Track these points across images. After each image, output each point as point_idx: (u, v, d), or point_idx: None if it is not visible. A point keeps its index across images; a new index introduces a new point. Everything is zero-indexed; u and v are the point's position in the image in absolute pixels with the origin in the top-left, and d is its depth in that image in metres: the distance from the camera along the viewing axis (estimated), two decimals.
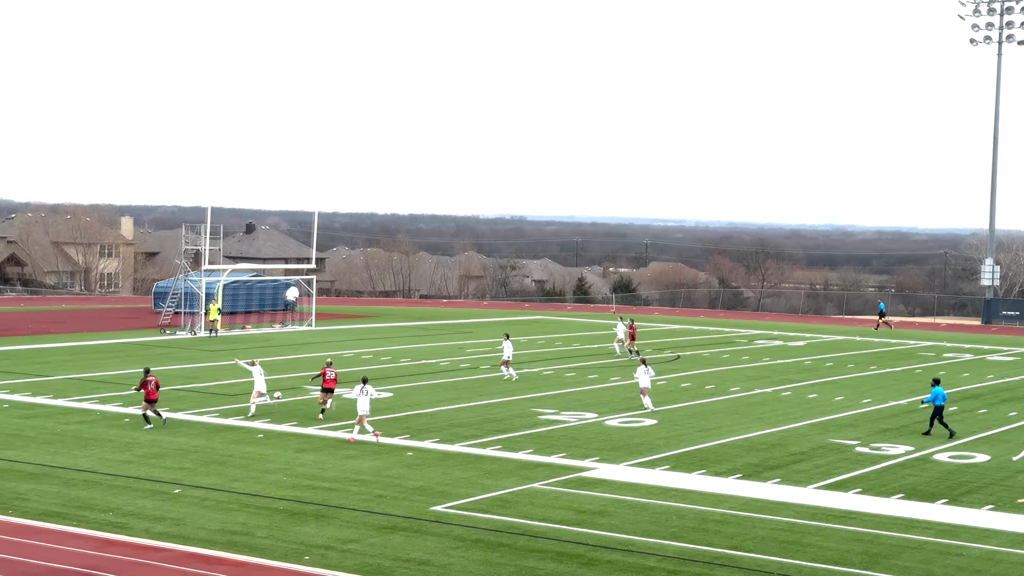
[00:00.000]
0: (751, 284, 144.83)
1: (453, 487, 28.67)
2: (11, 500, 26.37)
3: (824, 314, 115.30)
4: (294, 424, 36.53)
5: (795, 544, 24.40)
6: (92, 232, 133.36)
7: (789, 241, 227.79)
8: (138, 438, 33.75)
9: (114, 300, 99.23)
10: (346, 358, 54.60)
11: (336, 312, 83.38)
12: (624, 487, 29.14)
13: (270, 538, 23.86)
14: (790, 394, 46.40)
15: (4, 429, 34.72)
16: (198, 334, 64.48)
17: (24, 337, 61.07)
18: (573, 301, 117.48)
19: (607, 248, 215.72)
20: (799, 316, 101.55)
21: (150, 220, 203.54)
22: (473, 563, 22.56)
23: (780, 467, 32.06)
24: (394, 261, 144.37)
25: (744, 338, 71.71)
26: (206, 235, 68.04)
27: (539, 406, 41.39)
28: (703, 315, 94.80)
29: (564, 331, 73.08)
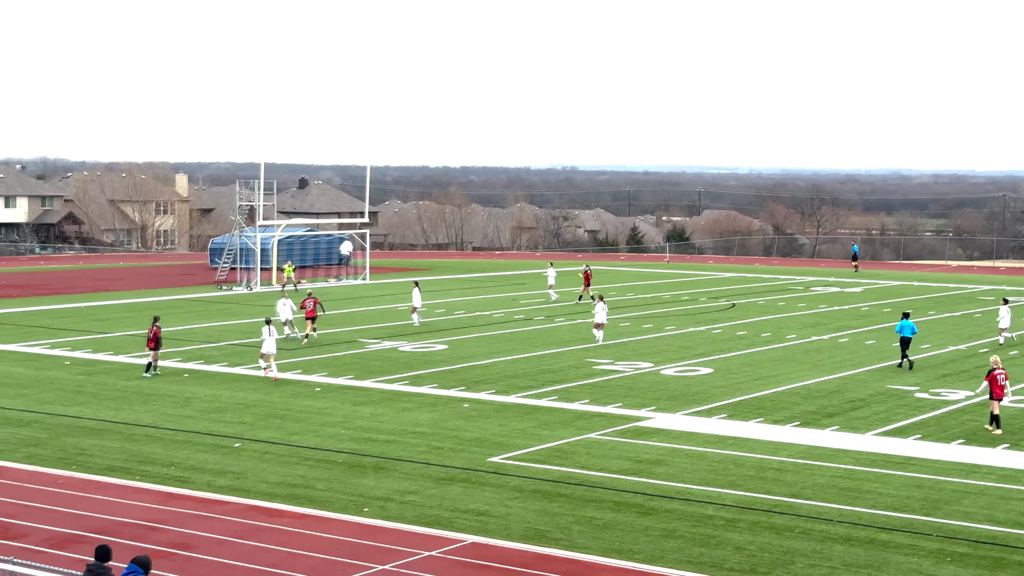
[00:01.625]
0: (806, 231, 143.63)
1: (510, 438, 28.76)
2: (75, 455, 26.77)
3: (881, 259, 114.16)
4: (351, 377, 36.75)
5: (854, 491, 24.27)
6: (148, 190, 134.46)
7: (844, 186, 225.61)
8: (198, 393, 34.12)
9: (170, 257, 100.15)
10: (400, 311, 54.80)
11: (390, 265, 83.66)
12: (681, 436, 29.10)
13: (330, 490, 24.07)
14: (847, 341, 46.05)
15: (66, 386, 35.22)
16: (254, 289, 64.97)
17: (83, 295, 61.81)
18: (626, 251, 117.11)
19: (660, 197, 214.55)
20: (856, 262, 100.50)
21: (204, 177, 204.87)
22: (531, 513, 22.64)
23: (838, 414, 31.87)
24: (446, 214, 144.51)
25: (800, 285, 71.21)
26: (260, 191, 68.37)
27: (594, 356, 41.37)
28: (758, 263, 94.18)
29: (618, 281, 72.89)
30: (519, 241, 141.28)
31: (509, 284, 70.27)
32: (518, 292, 65.11)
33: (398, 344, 43.91)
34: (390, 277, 74.08)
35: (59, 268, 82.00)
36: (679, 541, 21.11)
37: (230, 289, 65.24)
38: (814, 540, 21.21)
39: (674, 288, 68.38)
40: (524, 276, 76.68)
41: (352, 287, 67.67)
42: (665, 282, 72.56)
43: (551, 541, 21.05)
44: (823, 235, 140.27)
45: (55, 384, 35.47)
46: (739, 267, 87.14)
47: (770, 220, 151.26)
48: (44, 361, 39.65)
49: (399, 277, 74.40)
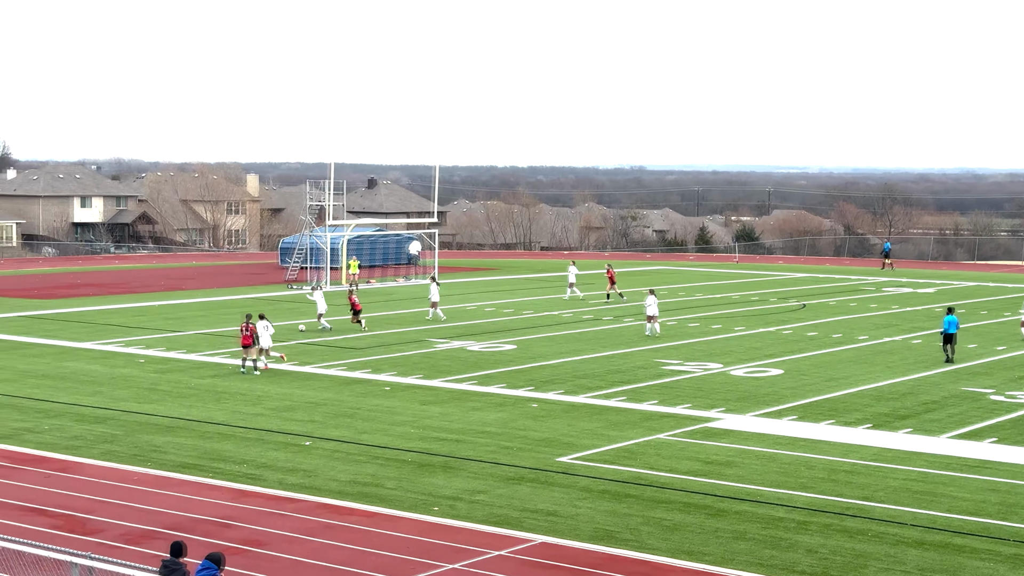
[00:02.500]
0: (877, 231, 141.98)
1: (578, 438, 28.72)
2: (149, 452, 27.14)
3: (954, 260, 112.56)
4: (420, 376, 36.91)
5: (928, 495, 23.95)
6: (219, 190, 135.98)
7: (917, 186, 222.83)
8: (269, 391, 34.44)
9: (241, 256, 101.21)
10: (469, 311, 54.95)
11: (458, 265, 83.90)
12: (751, 437, 28.89)
13: (399, 489, 24.19)
14: (920, 342, 45.45)
15: (141, 383, 35.72)
16: (324, 288, 65.42)
17: (157, 293, 62.66)
18: (695, 251, 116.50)
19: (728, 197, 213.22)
20: (928, 262, 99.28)
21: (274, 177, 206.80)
22: (600, 514, 22.60)
23: (911, 416, 31.47)
24: (514, 213, 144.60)
25: (871, 286, 70.41)
26: (329, 191, 68.88)
27: (663, 357, 41.20)
28: (828, 263, 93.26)
29: (686, 281, 72.54)
30: (587, 241, 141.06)
31: (577, 284, 70.15)
32: (586, 292, 65.01)
33: (466, 344, 44.03)
34: (458, 277, 74.29)
35: (133, 267, 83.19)
36: (749, 543, 20.96)
37: (300, 288, 65.79)
38: (887, 544, 20.96)
39: (743, 288, 67.92)
40: (592, 276, 76.54)
41: (420, 287, 67.92)
42: (734, 282, 72.09)
43: (620, 542, 21.00)
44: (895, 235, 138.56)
45: (129, 382, 35.99)
46: (809, 267, 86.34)
47: (841, 220, 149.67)
48: (119, 359, 40.24)
49: (467, 277, 74.60)
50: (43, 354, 41.33)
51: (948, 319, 40.60)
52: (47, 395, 33.77)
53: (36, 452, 27.13)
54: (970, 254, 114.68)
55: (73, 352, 41.81)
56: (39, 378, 36.51)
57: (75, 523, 21.69)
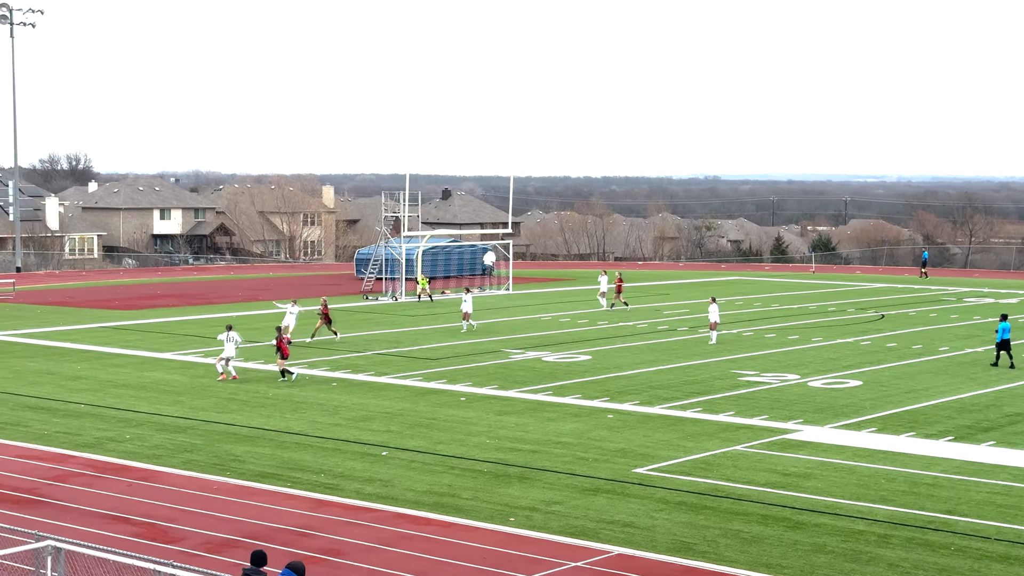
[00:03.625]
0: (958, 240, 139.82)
1: (654, 449, 28.59)
2: (228, 462, 27.44)
3: None
4: (495, 387, 36.96)
5: (1014, 508, 23.51)
6: (295, 201, 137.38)
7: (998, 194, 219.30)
8: (345, 401, 34.68)
9: (318, 267, 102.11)
10: (544, 321, 54.94)
11: (532, 276, 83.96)
12: (830, 449, 28.56)
13: (476, 499, 24.22)
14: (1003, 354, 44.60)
15: (220, 393, 36.14)
16: (399, 299, 65.84)
17: (235, 304, 63.38)
18: (771, 261, 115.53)
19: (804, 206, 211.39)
20: (1011, 272, 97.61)
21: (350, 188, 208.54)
22: (677, 525, 22.46)
23: (995, 429, 30.93)
24: (588, 224, 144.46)
25: (952, 296, 69.35)
26: (404, 202, 69.28)
27: (739, 367, 40.89)
28: (907, 273, 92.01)
29: (762, 291, 71.97)
30: (661, 251, 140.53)
31: (652, 294, 69.92)
32: (661, 303, 64.75)
33: (542, 354, 44.03)
34: (533, 287, 74.33)
35: (211, 278, 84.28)
36: (829, 556, 20.71)
37: (376, 299, 66.21)
38: (971, 558, 20.61)
39: (820, 299, 67.22)
40: (667, 287, 76.25)
41: (495, 297, 68.07)
42: (811, 292, 71.39)
43: (697, 554, 20.85)
44: (976, 244, 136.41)
45: (209, 391, 36.43)
46: (888, 277, 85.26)
47: (920, 229, 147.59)
48: (198, 369, 40.76)
49: (542, 287, 74.62)
50: (124, 364, 41.99)
51: (1002, 326, 41.12)
52: (128, 405, 34.30)
53: (118, 461, 27.55)
54: None
55: (154, 362, 42.43)
56: (120, 388, 37.10)
57: (157, 531, 21.99)
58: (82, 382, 38.07)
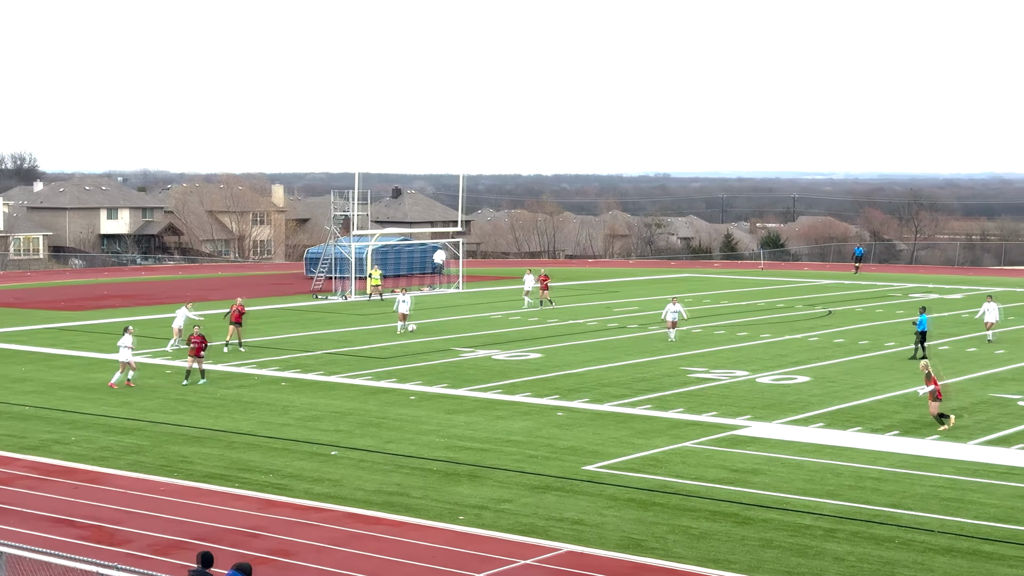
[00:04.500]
0: (904, 236, 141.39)
1: (604, 447, 28.70)
2: (176, 463, 27.26)
3: (982, 265, 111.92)
4: (446, 386, 36.96)
5: (957, 501, 23.82)
6: (245, 200, 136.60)
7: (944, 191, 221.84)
8: (295, 401, 34.55)
9: (267, 267, 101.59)
10: (494, 320, 54.99)
11: (483, 274, 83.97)
12: (778, 445, 28.80)
13: (426, 498, 24.21)
14: (948, 348, 45.21)
15: (168, 394, 35.88)
16: (349, 298, 65.64)
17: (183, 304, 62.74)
18: (720, 258, 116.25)
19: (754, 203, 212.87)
20: (955, 268, 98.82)
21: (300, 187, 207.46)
22: (627, 522, 22.56)
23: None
24: (539, 222, 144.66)
25: (898, 292, 70.09)
26: (354, 201, 69.05)
27: (689, 364, 41.12)
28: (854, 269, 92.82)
29: (712, 288, 72.41)
30: (612, 249, 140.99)
31: (602, 292, 70.14)
32: (611, 300, 64.97)
33: (492, 353, 44.07)
34: (483, 286, 74.35)
35: (160, 278, 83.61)
36: (777, 551, 20.89)
37: (326, 298, 65.98)
38: (915, 551, 20.86)
39: (769, 295, 67.73)
40: (617, 284, 76.51)
41: (446, 296, 68.02)
42: (760, 289, 71.91)
43: (647, 550, 20.96)
44: (922, 241, 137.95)
45: (157, 392, 36.16)
46: (835, 274, 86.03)
47: (867, 226, 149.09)
48: (146, 370, 40.42)
49: (493, 286, 74.65)
50: (71, 366, 41.59)
51: (922, 318, 42.67)
52: (75, 406, 33.98)
53: (65, 463, 27.29)
54: (997, 259, 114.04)
55: (100, 363, 42.04)
56: (67, 389, 36.74)
57: (103, 534, 21.80)
58: (28, 384, 37.66)
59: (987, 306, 47.49)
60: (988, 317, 47.15)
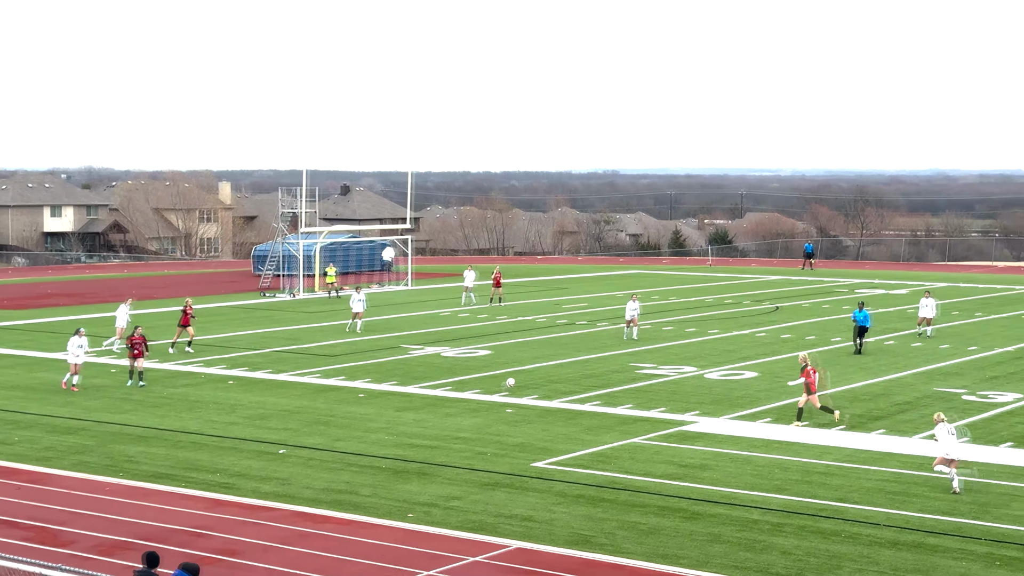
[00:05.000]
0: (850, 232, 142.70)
1: (553, 443, 28.72)
2: (122, 463, 26.98)
3: (927, 261, 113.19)
4: (395, 383, 36.84)
5: (902, 495, 24.05)
6: (192, 198, 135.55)
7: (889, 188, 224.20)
8: (243, 400, 34.30)
9: (214, 264, 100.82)
10: (443, 317, 54.89)
11: (432, 271, 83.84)
12: (726, 440, 28.95)
13: (375, 496, 24.12)
14: (894, 343, 45.66)
15: (113, 393, 35.50)
16: (297, 296, 65.29)
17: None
18: (669, 254, 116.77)
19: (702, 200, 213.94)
20: (901, 264, 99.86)
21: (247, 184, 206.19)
22: (576, 518, 22.59)
23: (885, 417, 31.61)
24: (488, 219, 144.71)
25: (844, 287, 70.70)
26: (303, 198, 68.71)
27: (637, 360, 41.25)
28: (801, 265, 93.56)
29: (661, 285, 72.69)
30: (561, 245, 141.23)
31: (551, 289, 70.22)
32: (561, 297, 65.06)
33: (441, 350, 43.98)
34: (433, 283, 74.23)
35: (105, 276, 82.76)
36: (725, 546, 20.99)
37: (274, 296, 65.58)
38: (861, 545, 21.04)
39: (717, 291, 68.10)
40: (566, 281, 76.63)
41: (395, 293, 67.83)
42: (708, 285, 72.28)
43: (596, 546, 20.99)
44: (868, 237, 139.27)
45: (102, 392, 35.78)
46: (783, 270, 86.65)
47: (814, 222, 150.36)
48: (91, 369, 39.96)
49: (442, 283, 74.54)
50: (14, 365, 41.05)
51: (862, 314, 42.99)
52: (18, 406, 33.53)
53: (7, 464, 26.92)
54: (942, 255, 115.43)
55: (44, 363, 41.54)
56: (10, 389, 36.25)
57: (47, 535, 21.53)
58: None
59: (924, 302, 47.85)
60: (925, 312, 47.49)
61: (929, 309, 47.55)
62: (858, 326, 42.95)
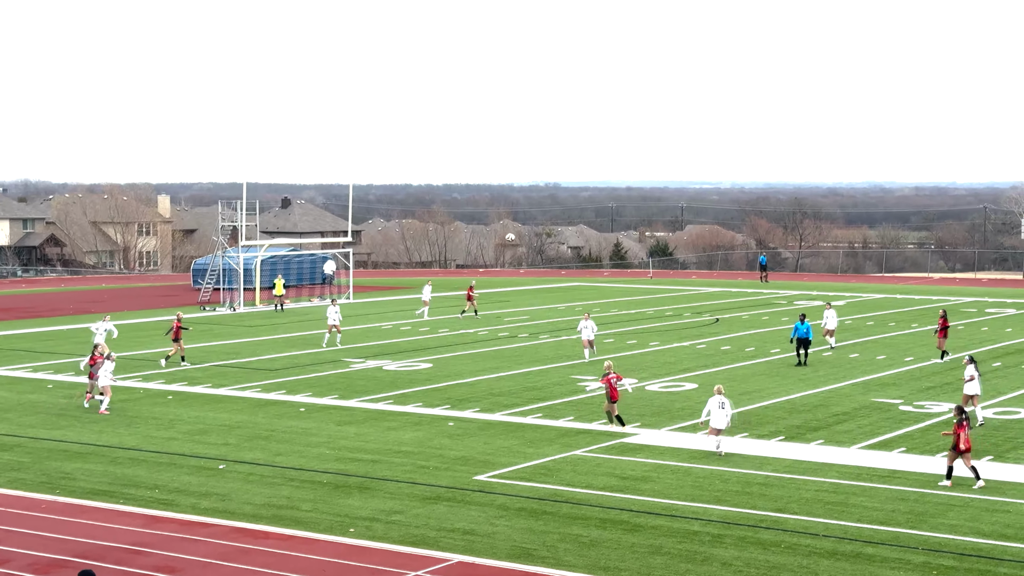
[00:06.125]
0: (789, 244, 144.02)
1: (495, 456, 28.72)
2: (59, 479, 26.63)
3: (864, 272, 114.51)
4: (335, 397, 36.68)
5: (840, 505, 24.30)
6: (130, 211, 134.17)
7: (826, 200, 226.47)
8: (182, 415, 33.99)
9: (153, 278, 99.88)
10: (385, 330, 54.75)
11: (373, 284, 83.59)
12: (666, 452, 29.10)
13: (315, 511, 23.99)
14: (832, 355, 46.11)
15: (50, 409, 35.05)
16: (237, 310, 64.84)
17: (66, 317, 61.57)
18: (610, 267, 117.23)
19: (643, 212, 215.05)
20: (839, 275, 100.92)
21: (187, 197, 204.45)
22: (517, 531, 22.60)
23: (823, 428, 31.92)
24: (430, 231, 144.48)
25: (783, 299, 71.34)
26: (242, 211, 68.30)
27: (578, 373, 41.36)
28: (741, 277, 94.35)
29: (602, 297, 72.95)
30: (503, 258, 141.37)
31: (493, 301, 70.26)
32: (502, 310, 65.11)
33: (383, 363, 43.86)
34: (374, 296, 74.00)
35: (41, 291, 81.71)
36: (666, 558, 21.09)
37: (213, 309, 65.09)
38: (800, 555, 21.22)
39: (658, 304, 68.48)
40: (508, 293, 76.71)
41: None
42: (649, 298, 72.65)
43: (537, 559, 21.01)
44: (806, 248, 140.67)
45: (37, 407, 35.31)
46: (722, 282, 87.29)
47: (753, 234, 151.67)
48: (26, 384, 39.47)
49: (384, 296, 74.34)
50: None
51: (804, 325, 43.04)
52: None
53: None
54: (879, 267, 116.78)
55: None
56: None
57: None
58: None
59: (827, 313, 47.94)
60: (828, 324, 47.58)
61: (832, 320, 47.48)
62: (799, 338, 43.21)
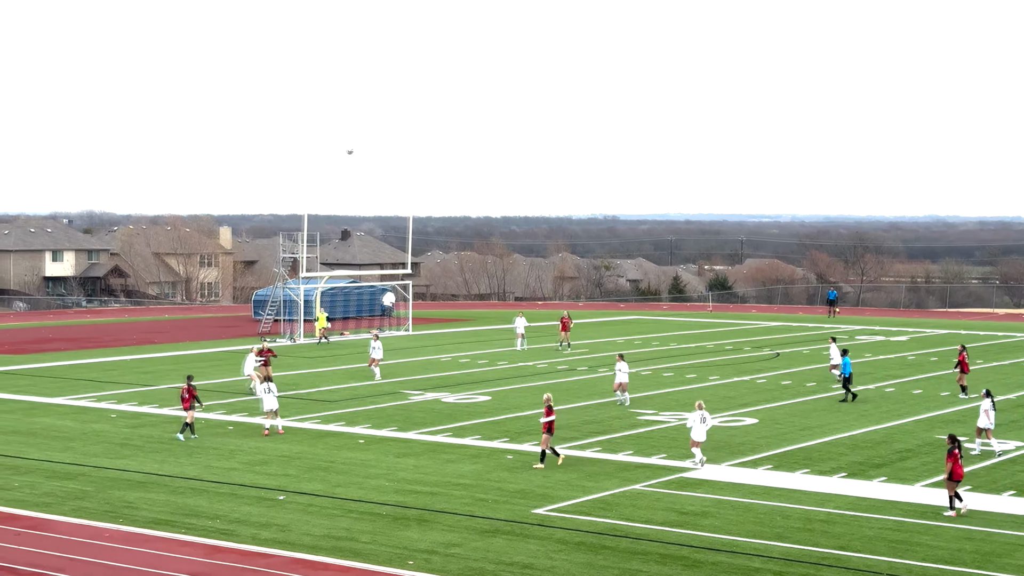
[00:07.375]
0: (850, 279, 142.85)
1: (554, 490, 28.62)
2: (121, 508, 26.88)
3: (926, 307, 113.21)
4: (394, 429, 36.76)
5: (904, 543, 23.94)
6: (192, 242, 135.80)
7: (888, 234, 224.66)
8: (242, 445, 34.21)
9: (214, 309, 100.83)
10: (443, 362, 54.84)
11: (432, 316, 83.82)
12: (727, 487, 28.85)
13: (374, 543, 24.01)
14: (894, 390, 45.60)
15: (113, 439, 35.42)
16: (298, 341, 65.26)
17: (129, 347, 62.27)
18: (669, 300, 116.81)
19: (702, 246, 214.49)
20: (901, 310, 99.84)
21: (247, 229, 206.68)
22: (576, 566, 22.48)
23: (886, 465, 31.51)
24: (488, 264, 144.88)
25: (844, 334, 70.66)
26: (303, 243, 68.80)
27: (638, 407, 41.17)
28: (801, 311, 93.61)
29: (660, 331, 72.66)
30: (561, 291, 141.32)
31: (552, 335, 70.15)
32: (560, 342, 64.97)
33: (441, 395, 43.92)
34: (433, 328, 74.20)
35: (105, 321, 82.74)
36: None
37: (274, 341, 65.55)
38: None
39: (717, 337, 68.07)
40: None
41: (395, 338, 67.77)
42: (708, 331, 72.26)
43: None
44: (867, 283, 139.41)
45: (101, 437, 35.69)
46: (783, 316, 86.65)
47: (813, 268, 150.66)
48: (90, 414, 39.93)
49: (441, 328, 74.53)
50: (13, 410, 40.97)
51: (845, 360, 42.65)
52: (17, 451, 33.44)
53: (6, 510, 26.82)
54: (942, 302, 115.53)
55: (44, 407, 41.47)
56: (9, 434, 36.17)
57: None
58: None
59: (832, 348, 46.26)
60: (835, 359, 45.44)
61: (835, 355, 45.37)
62: (843, 375, 42.76)
